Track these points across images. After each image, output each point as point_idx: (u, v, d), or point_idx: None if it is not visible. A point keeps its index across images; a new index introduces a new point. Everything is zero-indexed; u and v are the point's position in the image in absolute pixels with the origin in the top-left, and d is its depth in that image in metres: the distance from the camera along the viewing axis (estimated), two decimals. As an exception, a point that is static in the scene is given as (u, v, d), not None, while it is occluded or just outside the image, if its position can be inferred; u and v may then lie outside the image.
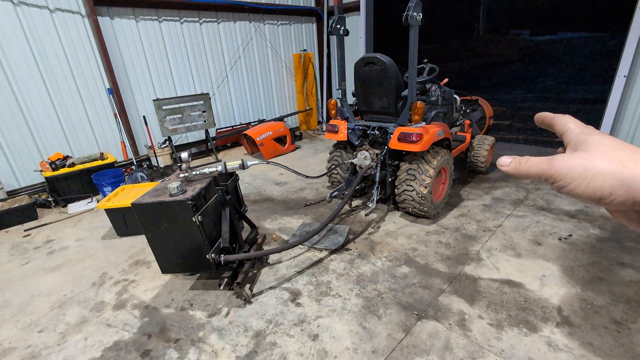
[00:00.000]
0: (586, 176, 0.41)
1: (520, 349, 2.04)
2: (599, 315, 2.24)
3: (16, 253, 3.51)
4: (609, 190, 0.40)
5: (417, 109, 3.21)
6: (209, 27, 6.22)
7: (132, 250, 3.41)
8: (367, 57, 3.33)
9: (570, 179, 0.42)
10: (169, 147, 5.79)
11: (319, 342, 2.19)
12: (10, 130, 4.51)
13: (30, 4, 4.37)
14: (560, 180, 0.43)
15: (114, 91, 5.23)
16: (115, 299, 2.72)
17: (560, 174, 0.42)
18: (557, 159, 0.43)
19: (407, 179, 3.40)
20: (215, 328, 2.36)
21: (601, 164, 0.40)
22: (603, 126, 4.92)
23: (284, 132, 6.42)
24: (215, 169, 2.60)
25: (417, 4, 2.86)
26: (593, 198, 0.41)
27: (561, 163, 0.43)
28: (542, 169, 0.44)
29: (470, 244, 3.15)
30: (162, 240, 2.39)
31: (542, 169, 0.44)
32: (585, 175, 0.41)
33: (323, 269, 2.93)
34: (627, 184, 0.39)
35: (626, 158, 0.40)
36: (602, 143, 0.43)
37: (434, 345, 2.11)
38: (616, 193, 0.39)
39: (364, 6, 6.97)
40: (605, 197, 0.40)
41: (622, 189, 0.39)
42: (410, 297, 2.53)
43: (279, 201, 4.38)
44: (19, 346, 2.31)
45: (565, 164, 0.42)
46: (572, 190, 0.42)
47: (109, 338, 2.34)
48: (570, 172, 0.42)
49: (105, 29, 5.03)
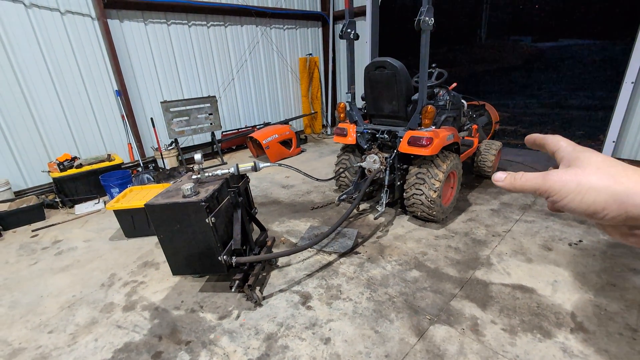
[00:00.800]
0: (580, 191, 0.42)
1: (535, 354, 2.02)
2: (614, 321, 2.22)
3: (24, 253, 3.50)
4: (602, 205, 0.41)
5: (427, 112, 3.21)
6: (216, 30, 6.27)
7: (140, 251, 3.41)
8: (378, 61, 3.35)
9: (564, 194, 0.43)
10: (175, 149, 5.81)
11: (331, 345, 2.18)
12: (19, 131, 4.53)
13: (41, 6, 4.41)
14: (554, 195, 0.44)
15: (121, 93, 5.26)
16: (125, 300, 2.71)
17: (555, 188, 0.43)
18: (551, 175, 0.44)
19: (417, 182, 3.40)
20: (226, 330, 2.35)
21: (594, 179, 0.41)
22: (610, 132, 4.92)
23: (290, 135, 6.44)
24: (227, 171, 2.60)
25: (429, 9, 2.88)
26: (587, 212, 0.42)
27: (555, 178, 0.44)
28: (536, 184, 0.45)
29: (480, 249, 3.14)
30: (174, 241, 2.38)
31: (537, 184, 0.45)
32: (579, 190, 0.42)
33: (333, 272, 2.92)
34: (620, 199, 0.40)
35: (618, 174, 0.41)
36: (594, 159, 0.44)
37: (448, 350, 2.09)
38: (609, 208, 0.40)
39: (369, 11, 7.02)
40: (599, 211, 0.41)
41: (614, 203, 0.40)
42: (422, 302, 2.51)
43: (286, 204, 4.38)
44: (30, 347, 2.30)
45: (560, 179, 0.43)
46: (566, 204, 0.43)
47: (119, 339, 2.33)
48: (564, 187, 0.43)
49: (115, 32, 5.07)
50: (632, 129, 4.79)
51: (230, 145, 7.06)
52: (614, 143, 4.92)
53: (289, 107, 8.00)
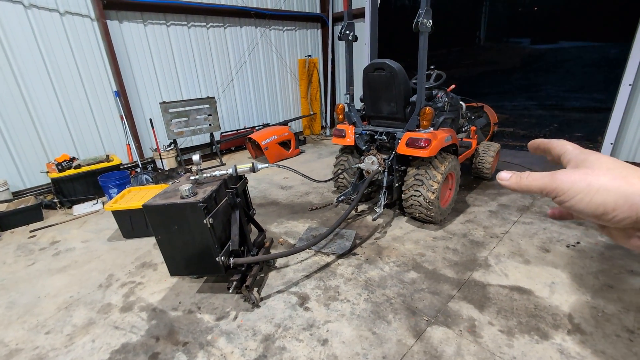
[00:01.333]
0: (589, 191, 0.41)
1: (532, 356, 2.02)
2: (611, 323, 2.23)
3: (22, 254, 3.50)
4: (612, 206, 0.40)
5: (425, 114, 3.22)
6: (215, 31, 6.28)
7: (138, 252, 3.40)
8: (377, 63, 3.35)
9: (573, 193, 0.42)
10: (174, 150, 5.81)
11: (329, 347, 2.17)
12: (18, 132, 4.52)
13: (40, 6, 4.42)
14: (562, 195, 0.43)
15: (120, 94, 5.26)
16: (122, 301, 2.70)
17: (563, 188, 0.43)
18: (560, 174, 0.43)
19: (415, 184, 3.40)
20: (223, 331, 2.34)
21: (605, 179, 0.41)
22: (608, 134, 4.94)
23: (289, 137, 6.44)
24: (225, 172, 2.60)
25: (427, 11, 2.89)
26: (595, 214, 0.41)
27: (564, 177, 0.43)
28: (544, 183, 0.44)
29: (477, 250, 3.14)
30: (172, 242, 2.38)
31: (544, 184, 0.44)
32: (589, 190, 0.41)
33: (331, 273, 2.92)
34: (631, 200, 0.39)
35: (630, 175, 0.40)
36: (604, 161, 0.43)
37: (445, 352, 2.09)
38: (620, 209, 0.39)
39: (368, 13, 7.04)
40: (609, 212, 0.40)
41: (625, 204, 0.39)
42: (420, 303, 2.51)
43: (285, 205, 4.38)
44: (26, 347, 2.30)
45: (568, 179, 0.43)
46: (574, 205, 0.42)
47: (116, 340, 2.32)
48: (572, 187, 0.42)
49: (114, 33, 5.07)
50: (630, 130, 4.80)
51: (229, 146, 7.06)
52: (612, 145, 4.94)
53: (288, 109, 8.01)
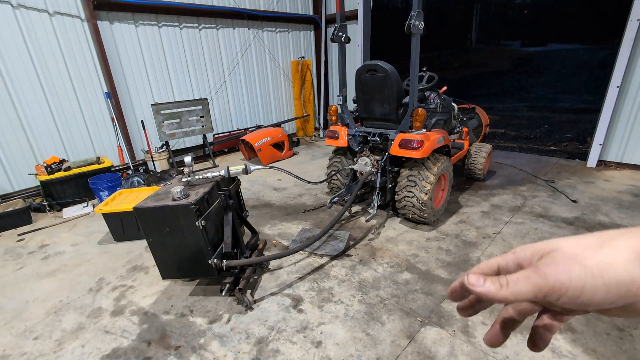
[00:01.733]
0: (593, 275, 0.35)
1: (524, 355, 2.04)
2: (601, 321, 2.25)
3: (10, 258, 3.43)
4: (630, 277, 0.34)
5: (418, 115, 3.24)
6: (208, 33, 6.25)
7: (129, 255, 3.36)
8: (369, 64, 3.36)
9: (579, 284, 0.35)
10: (166, 151, 5.76)
11: (323, 349, 2.17)
12: (5, 133, 4.44)
13: (29, 6, 4.35)
14: (567, 291, 0.35)
15: (111, 95, 5.20)
16: (113, 305, 2.66)
17: (563, 282, 0.35)
18: (543, 268, 0.37)
19: (408, 185, 3.42)
20: (216, 335, 2.32)
21: (595, 254, 0.36)
22: (597, 135, 5.02)
23: (282, 138, 6.43)
24: (218, 174, 2.58)
25: (419, 13, 2.91)
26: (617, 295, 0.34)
27: (551, 271, 0.36)
28: (535, 284, 0.36)
29: (470, 251, 3.16)
30: (164, 245, 2.35)
31: (536, 284, 0.36)
32: (592, 274, 0.35)
33: (324, 275, 2.92)
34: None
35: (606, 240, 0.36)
36: (563, 241, 0.38)
37: (439, 352, 2.10)
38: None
39: (361, 15, 7.07)
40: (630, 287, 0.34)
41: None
42: (413, 304, 2.52)
43: (278, 207, 4.36)
44: (14, 354, 2.25)
45: (558, 270, 0.36)
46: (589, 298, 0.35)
47: (107, 345, 2.28)
48: (571, 276, 0.35)
49: (105, 34, 5.02)
50: (618, 131, 4.89)
51: (222, 148, 7.02)
52: (601, 145, 5.02)
53: (281, 110, 7.99)
